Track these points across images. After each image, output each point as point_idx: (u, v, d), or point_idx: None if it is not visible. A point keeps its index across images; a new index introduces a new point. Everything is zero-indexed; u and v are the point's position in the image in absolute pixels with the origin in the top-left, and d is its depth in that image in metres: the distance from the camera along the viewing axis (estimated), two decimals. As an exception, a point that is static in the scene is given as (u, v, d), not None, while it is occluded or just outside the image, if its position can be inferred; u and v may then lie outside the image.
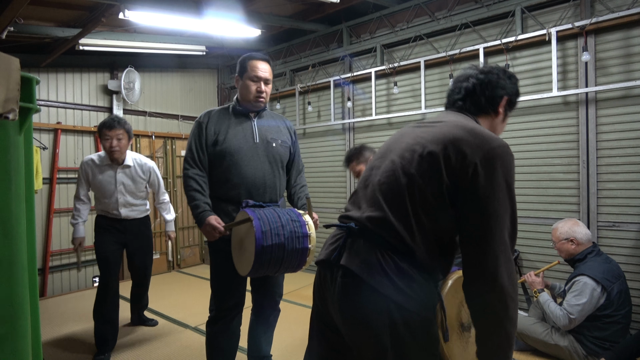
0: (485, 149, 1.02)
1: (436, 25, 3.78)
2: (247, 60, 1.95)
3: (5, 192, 0.91)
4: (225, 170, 1.91)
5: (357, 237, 1.09)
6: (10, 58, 0.90)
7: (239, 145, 1.91)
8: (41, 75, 4.16)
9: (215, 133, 1.93)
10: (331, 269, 1.12)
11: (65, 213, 4.29)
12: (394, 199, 1.07)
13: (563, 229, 2.48)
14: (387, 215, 1.05)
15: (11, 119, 0.91)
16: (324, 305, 1.18)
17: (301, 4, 4.00)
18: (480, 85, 1.23)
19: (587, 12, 3.03)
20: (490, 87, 1.22)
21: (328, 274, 1.14)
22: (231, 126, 1.95)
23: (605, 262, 2.37)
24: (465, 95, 1.25)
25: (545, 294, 2.50)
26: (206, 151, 1.93)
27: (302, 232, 1.75)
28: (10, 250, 0.92)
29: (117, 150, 2.63)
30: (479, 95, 1.22)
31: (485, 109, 1.23)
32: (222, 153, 1.91)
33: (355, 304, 1.05)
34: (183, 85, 5.47)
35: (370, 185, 1.16)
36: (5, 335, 0.90)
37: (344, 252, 1.09)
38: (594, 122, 3.00)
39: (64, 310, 3.61)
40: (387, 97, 4.15)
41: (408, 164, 1.08)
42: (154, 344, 2.85)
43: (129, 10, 3.21)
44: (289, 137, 2.12)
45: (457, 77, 1.29)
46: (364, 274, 1.03)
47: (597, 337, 2.29)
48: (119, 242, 2.79)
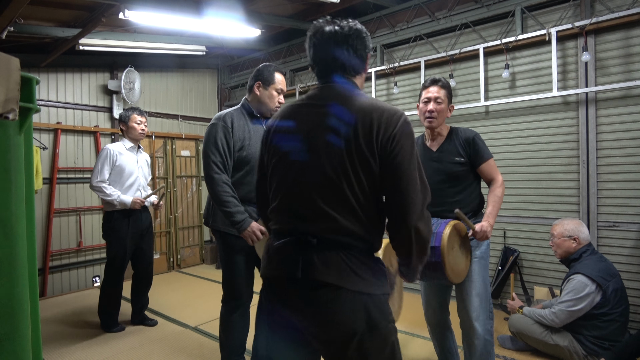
0: (397, 120, 1.23)
1: (436, 25, 3.78)
2: (274, 72, 2.15)
3: (5, 192, 0.91)
4: (246, 174, 2.08)
5: (318, 249, 1.07)
6: (10, 58, 0.90)
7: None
8: (41, 75, 4.16)
9: (240, 139, 2.06)
10: (295, 283, 1.09)
11: (65, 213, 4.29)
12: (335, 199, 1.08)
13: (569, 226, 2.48)
14: (337, 218, 1.07)
15: (11, 119, 0.91)
16: (282, 312, 1.15)
17: (301, 4, 4.00)
18: (352, 50, 1.24)
19: (587, 12, 3.03)
20: (361, 47, 1.24)
21: (290, 289, 1.10)
22: (252, 131, 2.11)
23: (600, 261, 2.38)
24: (344, 63, 1.25)
25: (527, 308, 2.60)
26: (232, 156, 2.06)
27: None
28: (10, 250, 0.92)
29: (144, 133, 3.14)
30: (352, 60, 1.24)
31: (360, 72, 1.29)
32: (248, 158, 2.07)
33: (333, 309, 1.06)
34: (183, 85, 5.47)
35: (299, 187, 1.12)
36: (5, 335, 0.90)
37: (310, 267, 1.06)
38: (594, 122, 3.00)
39: (64, 310, 3.61)
40: (387, 97, 4.15)
41: (332, 160, 1.08)
42: (154, 344, 2.85)
43: (129, 10, 3.21)
44: None
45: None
46: (340, 281, 1.05)
47: (596, 336, 2.30)
48: (134, 233, 3.06)
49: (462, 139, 2.03)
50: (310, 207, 1.09)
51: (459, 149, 2.01)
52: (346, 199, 1.07)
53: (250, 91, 2.16)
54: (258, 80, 2.13)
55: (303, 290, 1.08)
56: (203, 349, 2.77)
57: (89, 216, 4.48)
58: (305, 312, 1.09)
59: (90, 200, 4.48)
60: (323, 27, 1.17)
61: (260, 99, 2.13)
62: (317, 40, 1.19)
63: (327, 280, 1.05)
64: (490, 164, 2.00)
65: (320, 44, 1.18)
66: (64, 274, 4.29)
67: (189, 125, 5.38)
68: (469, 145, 2.00)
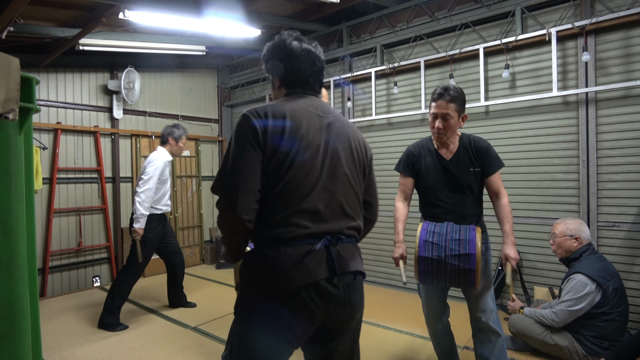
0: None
1: (436, 25, 3.78)
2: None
3: (5, 192, 0.91)
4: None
5: (343, 245, 1.25)
6: (10, 58, 0.90)
7: None
8: (41, 75, 4.16)
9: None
10: (331, 279, 1.19)
11: (65, 213, 4.29)
12: (356, 205, 1.33)
13: (572, 226, 2.48)
14: (357, 220, 1.33)
15: (11, 119, 0.91)
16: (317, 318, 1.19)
17: (301, 4, 4.00)
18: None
19: (587, 12, 3.03)
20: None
21: (327, 285, 1.18)
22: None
23: (599, 260, 2.38)
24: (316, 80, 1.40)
25: (527, 308, 2.60)
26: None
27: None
28: (10, 250, 0.92)
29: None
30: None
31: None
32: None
33: (361, 291, 1.31)
34: (183, 85, 5.47)
35: (327, 192, 1.25)
36: (5, 335, 0.90)
37: (344, 260, 1.23)
38: (594, 122, 3.00)
39: (64, 310, 3.61)
40: (387, 97, 4.15)
41: (356, 171, 1.33)
42: (155, 344, 2.85)
43: (129, 10, 3.21)
44: None
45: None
46: (362, 268, 1.31)
47: (596, 336, 2.30)
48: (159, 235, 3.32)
49: (475, 149, 2.00)
50: (338, 210, 1.26)
51: (473, 159, 1.99)
52: (359, 203, 1.36)
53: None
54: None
55: (338, 282, 1.21)
56: (203, 349, 2.77)
57: (88, 216, 4.48)
58: (347, 301, 1.24)
59: (90, 200, 4.48)
60: (304, 41, 1.32)
61: None
62: (307, 51, 1.30)
63: (361, 270, 1.29)
64: (498, 175, 2.00)
65: (311, 55, 1.31)
66: (64, 274, 4.29)
67: (189, 125, 5.37)
68: (482, 155, 1.99)
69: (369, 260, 4.29)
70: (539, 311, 2.50)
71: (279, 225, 1.17)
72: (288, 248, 1.15)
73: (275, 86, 1.37)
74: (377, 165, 4.22)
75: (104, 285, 4.47)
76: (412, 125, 3.98)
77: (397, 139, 4.08)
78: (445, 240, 1.89)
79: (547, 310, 2.44)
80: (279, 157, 1.17)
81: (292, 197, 1.17)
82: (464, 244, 1.84)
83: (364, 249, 4.16)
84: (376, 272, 4.26)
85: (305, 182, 1.19)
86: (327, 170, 1.23)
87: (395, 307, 3.54)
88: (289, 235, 1.16)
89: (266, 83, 5.36)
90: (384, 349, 2.68)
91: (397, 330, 3.01)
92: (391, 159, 4.11)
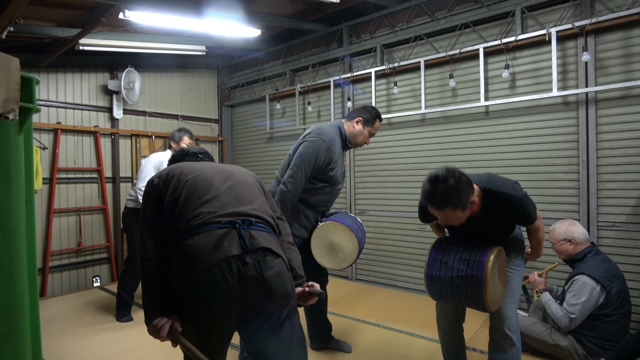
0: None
1: (436, 25, 3.78)
2: (378, 118, 2.48)
3: (5, 192, 0.91)
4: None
5: (255, 230, 1.34)
6: (10, 58, 0.90)
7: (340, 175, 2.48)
8: (41, 75, 4.16)
9: (332, 161, 2.35)
10: (243, 256, 1.27)
11: (65, 213, 4.29)
12: (255, 194, 1.50)
13: (560, 230, 2.49)
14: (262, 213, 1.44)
15: (11, 119, 0.91)
16: (234, 297, 1.27)
17: (301, 4, 4.00)
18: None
19: (587, 12, 3.03)
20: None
21: (239, 261, 1.26)
22: (340, 155, 2.44)
23: (604, 262, 2.37)
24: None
25: (547, 294, 2.50)
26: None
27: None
28: (10, 250, 0.92)
29: None
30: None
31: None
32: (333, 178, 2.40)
33: (279, 271, 1.33)
34: (183, 85, 5.47)
35: (229, 188, 1.45)
36: (5, 335, 0.90)
37: (255, 240, 1.31)
38: (594, 122, 3.00)
39: (64, 310, 3.61)
40: (387, 97, 4.15)
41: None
42: (154, 344, 2.85)
43: (129, 10, 3.21)
44: None
45: None
46: (279, 250, 1.37)
47: (596, 336, 2.29)
48: None
49: (501, 208, 1.72)
50: (236, 198, 1.47)
51: (501, 218, 1.76)
52: (260, 195, 1.57)
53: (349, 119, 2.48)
54: (363, 118, 2.44)
55: (257, 258, 1.34)
56: (203, 349, 2.77)
57: (89, 216, 4.48)
58: (261, 278, 1.30)
59: (90, 200, 4.48)
60: None
61: (354, 132, 2.45)
62: None
63: (270, 247, 1.36)
64: (538, 223, 1.84)
65: None
66: (64, 274, 4.29)
67: (189, 125, 5.37)
68: (514, 214, 1.74)
69: (370, 260, 4.29)
70: (554, 307, 2.39)
71: (189, 219, 1.32)
72: (201, 234, 1.28)
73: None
74: (378, 165, 4.22)
75: (104, 285, 4.47)
76: (412, 125, 3.98)
77: (397, 139, 4.08)
78: (454, 260, 1.76)
79: (560, 312, 2.35)
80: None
81: (192, 200, 1.37)
82: (472, 265, 1.69)
83: (364, 250, 4.15)
84: (376, 272, 4.26)
85: (201, 186, 1.40)
86: (220, 177, 1.46)
87: (395, 307, 3.54)
88: (198, 222, 1.30)
89: (266, 83, 5.36)
90: (384, 349, 2.68)
91: (397, 330, 3.01)
92: (391, 159, 4.11)
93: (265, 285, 1.28)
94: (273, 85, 5.25)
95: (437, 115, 3.80)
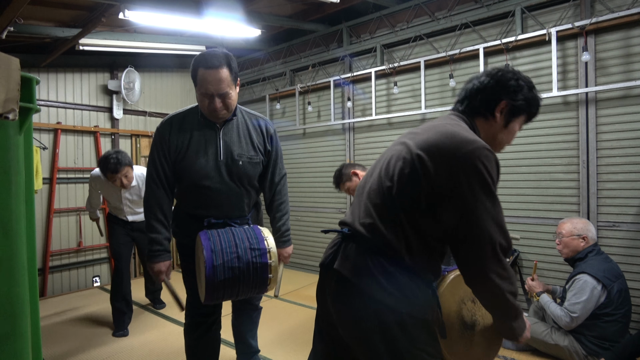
0: (461, 152, 1.03)
1: (436, 25, 3.78)
2: (196, 68, 1.60)
3: (5, 192, 0.91)
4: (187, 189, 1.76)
5: (350, 242, 1.14)
6: (10, 58, 0.90)
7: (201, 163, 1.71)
8: (41, 75, 4.16)
9: (178, 148, 1.69)
10: (327, 272, 1.18)
11: (65, 213, 4.29)
12: (381, 206, 1.11)
13: (579, 225, 2.45)
14: (376, 221, 1.10)
15: (11, 119, 0.91)
16: (324, 306, 1.22)
17: (301, 4, 4.00)
18: (479, 88, 1.22)
19: (587, 12, 3.03)
20: (489, 89, 1.21)
21: (326, 277, 1.19)
22: (194, 138, 1.71)
23: (605, 261, 2.37)
24: (464, 97, 1.26)
25: (545, 296, 2.49)
26: (170, 166, 1.73)
27: (262, 262, 1.62)
28: (10, 250, 0.92)
29: (127, 184, 2.96)
30: (475, 98, 1.22)
31: (480, 112, 1.22)
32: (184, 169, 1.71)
33: (347, 305, 1.10)
34: (183, 85, 5.47)
35: (364, 193, 1.20)
36: (5, 335, 0.90)
37: (338, 257, 1.15)
38: (594, 122, 3.00)
39: (64, 310, 3.61)
40: (387, 97, 4.15)
41: (392, 171, 1.12)
42: (154, 344, 2.85)
43: (129, 10, 3.21)
44: (261, 145, 1.88)
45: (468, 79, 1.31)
46: (354, 277, 1.08)
47: (596, 336, 2.29)
48: (129, 237, 3.25)
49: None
50: (363, 207, 1.22)
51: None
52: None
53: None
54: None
55: (330, 279, 1.22)
56: (203, 349, 2.77)
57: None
58: (332, 304, 1.19)
59: (90, 200, 4.48)
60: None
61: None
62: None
63: (342, 271, 1.15)
64: None
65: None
66: (64, 274, 4.29)
67: (189, 125, 5.37)
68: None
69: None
70: (554, 307, 2.38)
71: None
72: None
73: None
74: (377, 165, 4.22)
75: (104, 285, 4.47)
76: (412, 125, 3.98)
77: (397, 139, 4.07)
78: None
79: (560, 312, 2.35)
80: None
81: None
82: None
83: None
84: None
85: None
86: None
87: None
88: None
89: (266, 83, 5.36)
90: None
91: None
92: (391, 159, 4.10)
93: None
94: (273, 85, 5.25)
95: (437, 115, 3.80)
